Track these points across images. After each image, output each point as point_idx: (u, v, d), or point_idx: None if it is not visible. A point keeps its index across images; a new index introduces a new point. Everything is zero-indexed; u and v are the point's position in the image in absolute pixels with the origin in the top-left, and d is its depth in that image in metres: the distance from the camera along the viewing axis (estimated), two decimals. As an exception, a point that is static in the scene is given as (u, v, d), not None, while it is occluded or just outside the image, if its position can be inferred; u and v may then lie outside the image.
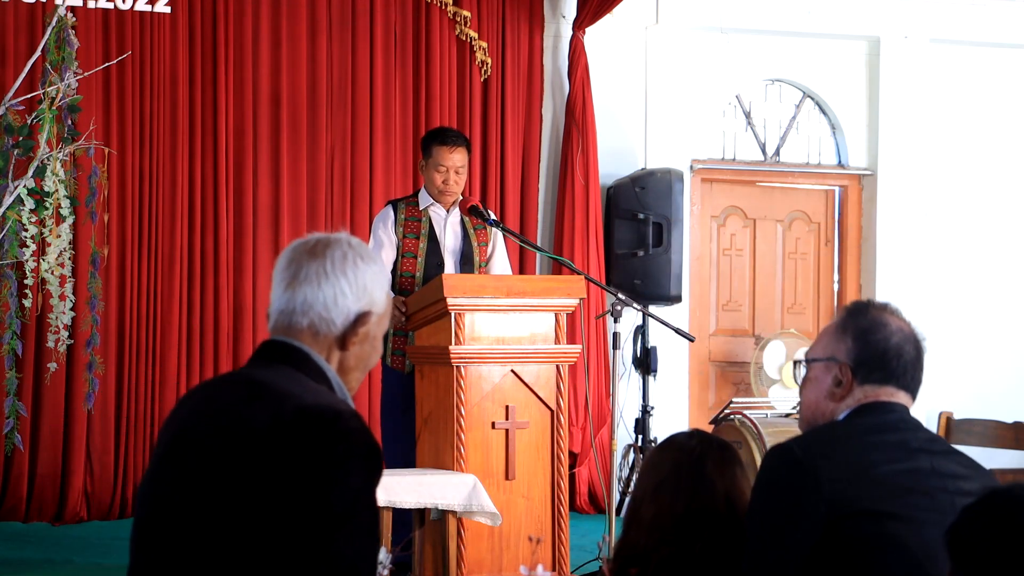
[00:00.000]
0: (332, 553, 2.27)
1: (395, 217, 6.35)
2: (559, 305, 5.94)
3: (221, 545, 2.32)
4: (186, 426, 2.46)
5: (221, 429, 2.37)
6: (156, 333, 8.01)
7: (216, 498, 2.33)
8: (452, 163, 6.30)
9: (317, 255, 2.48)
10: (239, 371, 2.53)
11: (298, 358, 2.46)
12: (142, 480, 2.53)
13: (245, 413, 2.36)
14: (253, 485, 2.30)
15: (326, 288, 2.47)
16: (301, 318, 2.47)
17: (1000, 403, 9.52)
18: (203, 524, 2.34)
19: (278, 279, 2.51)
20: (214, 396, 2.47)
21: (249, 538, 2.30)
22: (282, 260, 2.52)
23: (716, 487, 2.98)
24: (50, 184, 6.62)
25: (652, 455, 3.11)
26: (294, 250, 2.52)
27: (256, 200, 8.25)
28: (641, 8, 9.06)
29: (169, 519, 2.39)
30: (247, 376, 2.47)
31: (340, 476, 2.29)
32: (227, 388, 2.47)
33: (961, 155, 9.81)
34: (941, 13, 9.65)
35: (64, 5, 6.95)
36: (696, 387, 9.31)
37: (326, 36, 8.38)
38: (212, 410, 2.43)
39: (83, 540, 7.29)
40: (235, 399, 2.41)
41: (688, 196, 9.09)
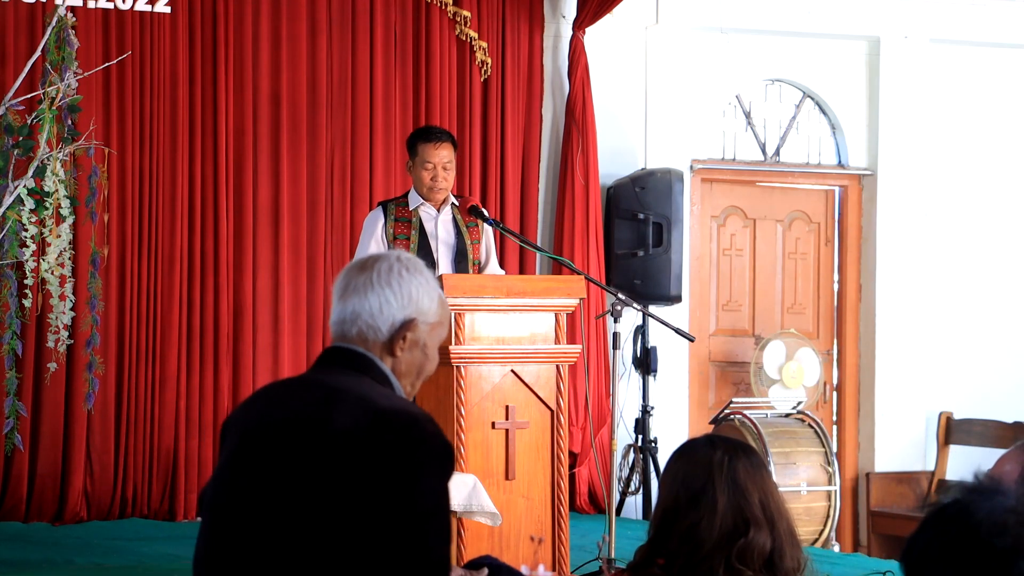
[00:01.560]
0: (417, 550, 2.44)
1: (385, 218, 6.35)
2: (559, 305, 5.94)
3: (305, 545, 2.46)
4: (263, 427, 2.58)
5: (302, 431, 2.52)
6: (156, 333, 8.01)
7: (300, 498, 2.47)
8: (439, 159, 6.32)
9: (365, 269, 2.68)
10: (307, 375, 2.70)
11: (363, 363, 2.64)
12: (213, 479, 2.64)
13: (324, 416, 2.51)
14: (337, 487, 2.45)
15: (371, 298, 2.65)
16: (351, 327, 2.65)
17: (1000, 403, 9.53)
18: (287, 523, 2.47)
19: (334, 294, 2.71)
20: (289, 398, 2.61)
21: (333, 538, 2.44)
22: (337, 278, 2.72)
23: (751, 494, 3.00)
24: (50, 184, 6.62)
25: (675, 466, 3.09)
26: (347, 268, 2.72)
27: (256, 200, 8.24)
28: (641, 8, 9.06)
29: (251, 518, 2.51)
30: (318, 380, 2.63)
31: (421, 477, 2.47)
32: (301, 391, 2.62)
33: (961, 155, 9.81)
34: (941, 13, 9.65)
35: (64, 5, 6.95)
36: (696, 387, 9.31)
37: (326, 36, 8.38)
38: (291, 412, 2.57)
39: (83, 540, 7.28)
40: (312, 402, 2.55)
41: (688, 196, 9.09)
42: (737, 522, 2.98)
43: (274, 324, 8.22)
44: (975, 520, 1.95)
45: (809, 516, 8.26)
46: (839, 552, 8.45)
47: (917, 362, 9.59)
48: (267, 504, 2.51)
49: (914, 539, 2.02)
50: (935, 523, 2.00)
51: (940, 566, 1.97)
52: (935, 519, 2.01)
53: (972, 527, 1.95)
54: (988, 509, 1.95)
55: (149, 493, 7.95)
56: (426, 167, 6.32)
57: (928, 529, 2.01)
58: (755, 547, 2.97)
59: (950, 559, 1.96)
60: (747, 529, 2.98)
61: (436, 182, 6.32)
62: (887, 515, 9.35)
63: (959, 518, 1.97)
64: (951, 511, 1.99)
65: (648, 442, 8.58)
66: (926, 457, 9.58)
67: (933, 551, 1.98)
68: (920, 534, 2.01)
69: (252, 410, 2.66)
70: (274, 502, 2.50)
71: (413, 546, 2.42)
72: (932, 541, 1.99)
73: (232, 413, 2.72)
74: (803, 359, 8.96)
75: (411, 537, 2.42)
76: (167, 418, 7.98)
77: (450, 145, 6.39)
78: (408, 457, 2.47)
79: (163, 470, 7.98)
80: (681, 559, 2.97)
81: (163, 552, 7.07)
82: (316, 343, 8.30)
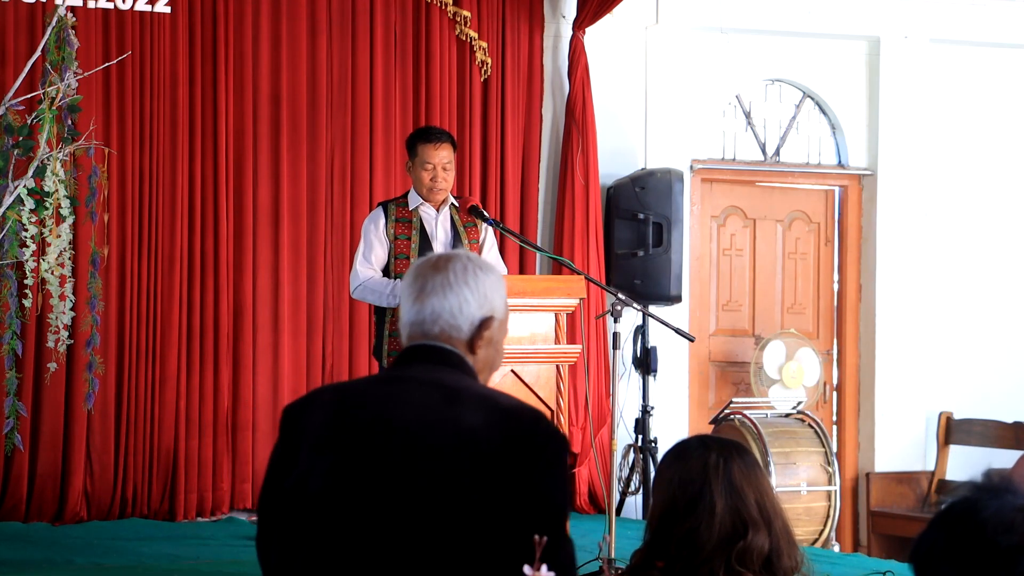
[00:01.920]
0: (558, 541, 2.53)
1: (386, 218, 6.36)
2: (559, 305, 5.93)
3: (446, 544, 2.52)
4: (389, 428, 2.60)
5: (435, 432, 2.58)
6: (156, 333, 8.00)
7: (438, 498, 2.53)
8: (439, 160, 6.33)
9: (440, 269, 2.72)
10: (406, 372, 2.71)
11: (455, 360, 2.71)
12: (326, 476, 2.62)
13: (453, 416, 2.58)
14: (474, 485, 2.53)
15: (451, 298, 2.71)
16: (432, 327, 2.71)
17: (1000, 403, 9.53)
18: (426, 523, 2.53)
19: (405, 295, 2.75)
20: (407, 398, 2.63)
21: (473, 536, 2.52)
22: (408, 277, 2.76)
23: (748, 495, 3.00)
24: (50, 184, 6.62)
25: (669, 470, 3.09)
26: (418, 267, 2.75)
27: (256, 200, 8.24)
28: (641, 8, 9.06)
29: (383, 515, 2.55)
30: (431, 378, 2.67)
31: (554, 473, 2.59)
32: (417, 390, 2.65)
33: (961, 155, 9.81)
34: (941, 13, 9.65)
35: (64, 5, 6.94)
36: (696, 387, 9.31)
37: (326, 36, 8.38)
38: (417, 412, 2.61)
39: (83, 540, 7.28)
40: (435, 401, 2.62)
41: (688, 196, 9.09)
42: (736, 524, 2.98)
43: (274, 324, 8.22)
44: (982, 518, 1.95)
45: (809, 516, 8.26)
46: (839, 552, 8.45)
47: (917, 362, 9.59)
48: (403, 504, 2.55)
49: (923, 536, 2.02)
50: (943, 520, 2.00)
51: (946, 563, 1.97)
52: (943, 516, 2.01)
53: (978, 525, 1.95)
54: (996, 507, 1.95)
55: (149, 493, 7.95)
56: (426, 167, 6.32)
57: (936, 526, 2.00)
58: (754, 548, 2.98)
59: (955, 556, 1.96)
60: (745, 531, 2.98)
61: (436, 183, 6.32)
62: (887, 515, 9.35)
63: (966, 515, 1.97)
64: (959, 508, 1.99)
65: (648, 442, 8.58)
66: (926, 457, 9.58)
67: (939, 548, 1.98)
68: (929, 531, 2.01)
69: (363, 408, 2.65)
70: (411, 502, 2.54)
71: (555, 538, 2.48)
72: (939, 538, 1.99)
73: (312, 415, 2.69)
74: (803, 359, 8.96)
75: (552, 530, 2.49)
76: (167, 418, 7.98)
77: (450, 146, 6.40)
78: (540, 454, 2.57)
79: (163, 470, 7.98)
80: (680, 563, 2.97)
81: (163, 552, 7.07)
82: (316, 343, 8.30)
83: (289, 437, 2.74)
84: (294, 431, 2.73)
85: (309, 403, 2.76)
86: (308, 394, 2.81)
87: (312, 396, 2.79)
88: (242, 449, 8.13)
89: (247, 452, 8.13)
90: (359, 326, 8.30)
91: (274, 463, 2.76)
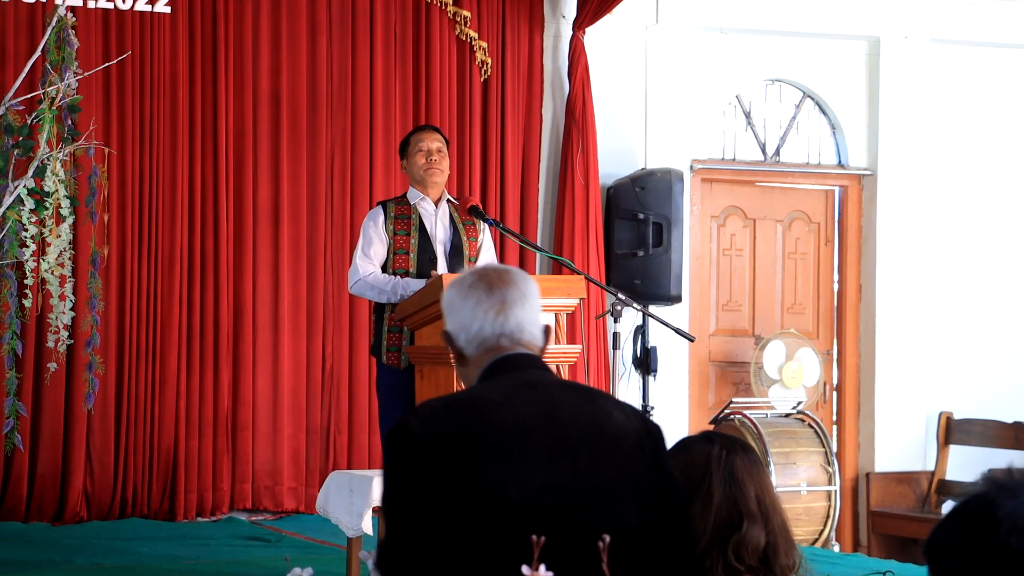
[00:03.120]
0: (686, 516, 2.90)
1: (385, 215, 6.38)
2: (559, 305, 5.93)
3: (633, 527, 2.70)
4: (568, 425, 2.72)
5: (601, 427, 2.75)
6: (156, 333, 8.01)
7: (625, 486, 2.72)
8: (432, 141, 6.42)
9: (509, 283, 2.86)
10: (526, 377, 2.82)
11: (546, 366, 2.88)
12: (527, 483, 2.65)
13: (601, 411, 2.78)
14: (643, 471, 2.75)
15: (528, 308, 2.87)
16: (520, 335, 2.85)
17: (1000, 403, 9.53)
18: (621, 508, 2.71)
19: (482, 306, 2.85)
20: (557, 397, 2.77)
21: (650, 516, 2.75)
22: (477, 290, 2.85)
23: (748, 487, 3.02)
24: (50, 184, 6.61)
25: (673, 461, 3.11)
26: (485, 279, 2.87)
27: (256, 200, 8.25)
28: (641, 8, 9.06)
29: (592, 510, 2.68)
30: (563, 382, 2.93)
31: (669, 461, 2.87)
32: (555, 391, 2.80)
33: (961, 155, 9.81)
34: (941, 13, 9.65)
35: (64, 5, 6.94)
36: (696, 387, 9.31)
37: (326, 36, 8.38)
38: (578, 414, 2.75)
39: (83, 540, 7.28)
40: (579, 399, 2.80)
41: (688, 196, 9.09)
42: (732, 515, 3.00)
43: (274, 324, 8.22)
44: (995, 518, 1.94)
45: (809, 516, 8.26)
46: (839, 552, 8.45)
47: (917, 362, 9.59)
48: (606, 497, 2.70)
49: (938, 528, 2.01)
50: (958, 515, 2.00)
51: (957, 560, 1.96)
52: (959, 511, 2.00)
53: (991, 525, 1.94)
54: (1011, 508, 1.94)
55: (149, 493, 7.95)
56: (420, 149, 6.39)
57: (951, 520, 2.00)
58: (749, 541, 2.99)
59: (967, 553, 1.95)
60: (741, 523, 2.99)
61: (432, 162, 6.37)
62: (887, 515, 9.35)
63: (981, 513, 1.96)
64: (975, 505, 1.98)
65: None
66: (926, 457, 9.58)
67: (951, 544, 1.97)
68: (944, 524, 2.01)
69: (528, 415, 2.70)
70: (609, 494, 2.70)
71: (684, 515, 2.86)
72: (952, 532, 1.98)
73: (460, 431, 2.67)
74: (803, 359, 8.96)
75: (683, 507, 2.87)
76: (167, 418, 7.98)
77: (441, 136, 6.50)
78: (663, 440, 2.84)
79: (163, 470, 7.98)
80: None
81: (163, 552, 7.07)
82: (316, 343, 8.30)
83: (432, 460, 2.65)
84: (439, 452, 2.65)
85: (439, 422, 2.69)
86: (423, 416, 2.72)
87: (437, 414, 2.71)
88: (242, 449, 8.13)
89: (247, 452, 8.13)
90: (359, 326, 8.30)
91: (419, 490, 2.65)
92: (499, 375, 2.81)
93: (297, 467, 8.24)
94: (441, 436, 2.66)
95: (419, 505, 2.64)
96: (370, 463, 8.19)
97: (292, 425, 8.23)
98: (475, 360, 2.85)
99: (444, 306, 2.90)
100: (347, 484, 5.57)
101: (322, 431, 8.29)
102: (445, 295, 2.91)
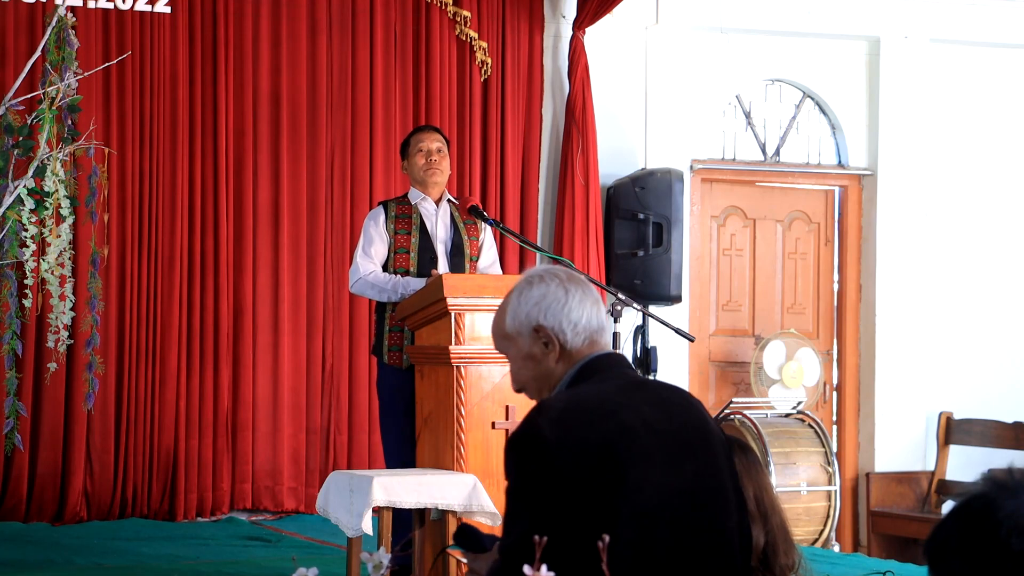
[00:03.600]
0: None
1: (386, 215, 6.39)
2: (559, 305, 5.93)
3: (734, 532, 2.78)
4: (689, 426, 2.78)
5: (708, 425, 2.84)
6: (156, 333, 8.01)
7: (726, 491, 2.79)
8: (432, 141, 6.43)
9: (583, 284, 2.88)
10: (636, 376, 2.91)
11: (633, 367, 2.99)
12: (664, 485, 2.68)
13: (700, 411, 2.86)
14: (734, 479, 2.83)
15: (604, 310, 2.90)
16: (604, 336, 2.88)
17: (1000, 403, 9.53)
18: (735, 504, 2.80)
19: (588, 300, 2.86)
20: (671, 397, 2.84)
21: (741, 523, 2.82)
22: (575, 285, 2.86)
23: (746, 487, 3.02)
24: (50, 184, 6.61)
25: None
26: (574, 278, 2.88)
27: (256, 200, 8.25)
28: (641, 8, 9.06)
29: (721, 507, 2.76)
30: (657, 383, 2.98)
31: None
32: (663, 390, 2.87)
33: (961, 155, 9.81)
34: (941, 13, 9.65)
35: (64, 5, 6.94)
36: (696, 387, 9.31)
37: (326, 36, 8.38)
38: (686, 410, 2.82)
39: (83, 540, 7.28)
40: (683, 399, 2.87)
41: (688, 196, 9.09)
42: None
43: (274, 324, 8.22)
44: (996, 518, 1.94)
45: (809, 516, 8.26)
46: (839, 552, 8.45)
47: (917, 362, 9.59)
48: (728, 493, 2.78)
49: (938, 528, 2.01)
50: (959, 514, 2.00)
51: (957, 559, 1.96)
52: (960, 511, 2.00)
53: (992, 525, 1.94)
54: (1012, 508, 1.94)
55: (149, 493, 7.95)
56: (420, 149, 6.40)
57: (952, 520, 2.00)
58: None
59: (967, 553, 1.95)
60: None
61: (432, 162, 6.38)
62: (887, 515, 9.35)
63: (982, 513, 1.96)
64: (975, 505, 1.98)
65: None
66: (926, 457, 9.58)
67: (952, 544, 1.97)
68: (944, 524, 2.01)
69: (650, 416, 2.72)
70: (729, 490, 2.78)
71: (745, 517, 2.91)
72: (953, 532, 1.98)
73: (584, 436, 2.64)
74: (803, 359, 8.96)
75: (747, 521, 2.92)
76: (167, 418, 7.98)
77: (441, 136, 6.52)
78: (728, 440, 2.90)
79: (163, 470, 7.98)
80: None
81: (163, 552, 7.07)
82: (316, 343, 8.30)
83: (571, 465, 2.62)
84: (577, 457, 2.62)
85: (571, 426, 2.66)
86: (552, 418, 2.67)
87: (566, 417, 2.68)
88: (242, 449, 8.13)
89: (247, 452, 8.13)
90: (359, 326, 8.30)
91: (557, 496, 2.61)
92: (598, 373, 2.79)
93: (297, 467, 8.24)
94: (578, 442, 2.62)
95: (557, 510, 2.58)
96: (370, 463, 8.19)
97: (292, 425, 8.23)
98: (577, 353, 2.82)
99: (534, 302, 2.83)
100: (347, 484, 5.57)
101: (322, 431, 8.29)
102: (532, 292, 2.85)
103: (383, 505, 5.42)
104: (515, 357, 2.89)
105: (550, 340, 2.81)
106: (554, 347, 2.82)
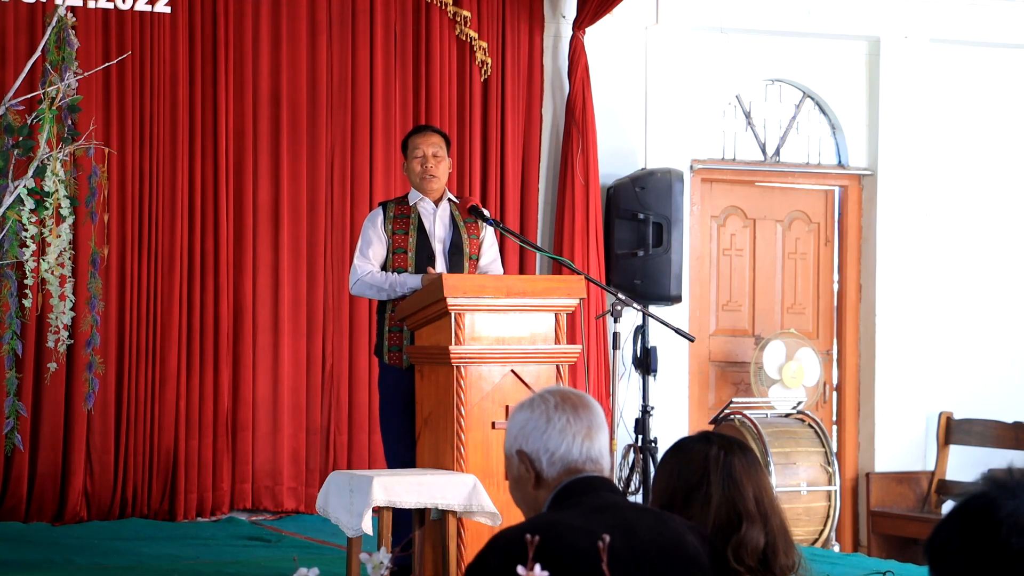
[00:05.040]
0: None
1: (384, 216, 6.40)
2: (559, 305, 5.94)
3: None
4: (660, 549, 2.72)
5: (684, 547, 2.74)
6: (156, 333, 8.01)
7: None
8: (428, 146, 6.43)
9: (590, 408, 2.88)
10: (608, 499, 2.82)
11: (618, 490, 2.90)
12: None
13: (676, 534, 2.76)
14: None
15: (604, 438, 2.88)
16: (602, 461, 2.86)
17: (1000, 403, 9.53)
18: None
19: (570, 428, 2.84)
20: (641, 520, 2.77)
21: None
22: (563, 412, 2.85)
23: (746, 488, 3.01)
24: (50, 184, 6.61)
25: (671, 462, 3.11)
26: (570, 402, 2.87)
27: (256, 200, 8.25)
28: (641, 8, 9.06)
29: None
30: (624, 503, 2.88)
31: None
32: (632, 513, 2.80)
33: (961, 155, 9.81)
34: (941, 13, 9.65)
35: (64, 5, 6.94)
36: (696, 387, 9.31)
37: (326, 36, 8.38)
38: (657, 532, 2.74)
39: (83, 540, 7.28)
40: (654, 521, 2.78)
41: (688, 196, 9.09)
42: (731, 516, 3.00)
43: (274, 324, 8.22)
44: (997, 518, 1.94)
45: (809, 516, 8.26)
46: (839, 552, 8.45)
47: (917, 362, 9.59)
48: None
49: (939, 528, 2.01)
50: (959, 515, 1.99)
51: (958, 559, 1.96)
52: (960, 511, 2.00)
53: (993, 525, 1.94)
54: (1012, 508, 1.94)
55: (149, 493, 7.95)
56: (416, 155, 6.42)
57: (952, 520, 2.00)
58: (748, 542, 2.99)
59: (968, 553, 1.95)
60: (740, 524, 2.99)
61: (428, 167, 6.39)
62: (887, 515, 9.35)
63: (982, 513, 1.96)
64: (975, 505, 1.98)
65: (648, 442, 8.57)
66: (926, 457, 9.58)
67: (953, 543, 1.97)
68: (944, 524, 2.01)
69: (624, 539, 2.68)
70: None
71: None
72: (953, 532, 1.98)
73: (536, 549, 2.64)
74: (803, 359, 8.96)
75: None
76: (167, 418, 7.98)
77: (439, 136, 6.51)
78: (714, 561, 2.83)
79: (163, 470, 7.98)
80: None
81: (163, 552, 7.07)
82: (316, 343, 8.30)
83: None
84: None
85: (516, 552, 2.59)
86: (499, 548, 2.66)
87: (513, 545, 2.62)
88: (242, 449, 8.13)
89: (247, 452, 8.13)
90: (359, 326, 8.30)
91: None
92: (572, 497, 2.78)
93: (297, 467, 8.24)
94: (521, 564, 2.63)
95: None
96: (370, 463, 8.19)
97: (292, 425, 8.23)
98: (554, 481, 2.82)
99: (519, 426, 2.85)
100: (347, 484, 5.57)
101: (322, 431, 8.30)
102: (518, 416, 2.88)
103: (383, 505, 5.42)
104: (509, 478, 2.92)
105: (528, 467, 2.83)
106: (531, 474, 2.83)
